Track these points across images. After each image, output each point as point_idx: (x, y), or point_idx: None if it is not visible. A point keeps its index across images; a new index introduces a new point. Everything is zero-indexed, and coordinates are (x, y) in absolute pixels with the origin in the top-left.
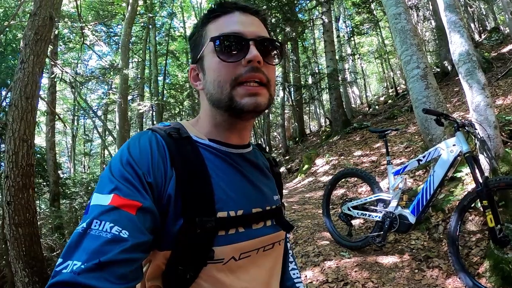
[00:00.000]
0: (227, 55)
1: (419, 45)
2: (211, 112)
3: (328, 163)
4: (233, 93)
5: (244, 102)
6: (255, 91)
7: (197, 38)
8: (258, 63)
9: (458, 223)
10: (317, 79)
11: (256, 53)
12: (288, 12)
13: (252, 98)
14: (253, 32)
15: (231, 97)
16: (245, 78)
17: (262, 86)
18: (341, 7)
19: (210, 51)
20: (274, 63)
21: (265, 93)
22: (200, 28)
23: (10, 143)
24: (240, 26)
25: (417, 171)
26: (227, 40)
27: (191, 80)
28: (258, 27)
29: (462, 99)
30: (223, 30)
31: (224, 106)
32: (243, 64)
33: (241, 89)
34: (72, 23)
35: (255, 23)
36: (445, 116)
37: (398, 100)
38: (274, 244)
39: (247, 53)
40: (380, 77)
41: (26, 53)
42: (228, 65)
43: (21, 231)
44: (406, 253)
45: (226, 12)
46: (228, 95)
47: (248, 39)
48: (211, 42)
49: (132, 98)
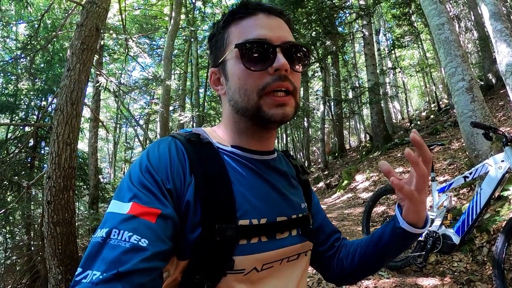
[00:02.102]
0: (253, 63)
1: (464, 56)
2: (234, 119)
3: (369, 179)
4: (261, 102)
5: (272, 113)
6: (283, 101)
7: (218, 40)
8: (285, 71)
9: (504, 245)
10: (357, 93)
11: (284, 61)
12: (328, 26)
13: (280, 108)
14: (279, 37)
15: (259, 107)
16: (272, 88)
17: (289, 95)
18: (381, 20)
19: (233, 57)
20: (301, 70)
21: (292, 102)
22: (221, 30)
23: (54, 146)
24: (266, 30)
25: (461, 189)
26: (252, 47)
27: (212, 84)
28: (284, 31)
29: (507, 113)
30: (247, 35)
31: (250, 115)
32: (270, 73)
33: (269, 99)
34: (117, 35)
35: (282, 26)
36: (493, 130)
37: (441, 115)
38: (299, 254)
39: (274, 61)
40: (421, 91)
41: (73, 61)
42: (255, 73)
43: (59, 230)
44: (448, 275)
45: (249, 14)
46: (255, 104)
47: (275, 46)
48: (235, 48)
49: (174, 109)
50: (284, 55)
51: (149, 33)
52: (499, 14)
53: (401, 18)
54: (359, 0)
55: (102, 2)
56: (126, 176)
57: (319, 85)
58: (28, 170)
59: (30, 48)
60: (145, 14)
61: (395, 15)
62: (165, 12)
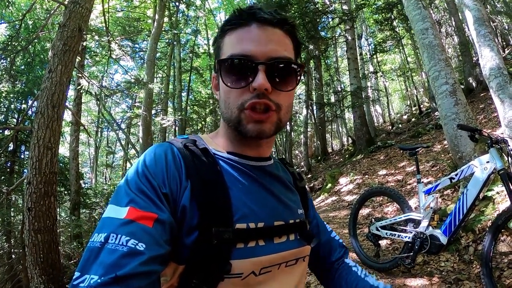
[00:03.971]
0: (233, 80)
1: (447, 60)
2: (226, 128)
3: (353, 182)
4: (241, 116)
5: (248, 128)
6: (259, 118)
7: (216, 49)
8: (266, 90)
9: (492, 243)
10: (340, 97)
11: (262, 82)
12: (312, 30)
13: (256, 125)
14: (265, 52)
15: (239, 121)
16: (249, 105)
17: (268, 113)
18: (363, 25)
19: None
20: (287, 89)
21: (272, 119)
22: (219, 38)
23: (35, 150)
24: (252, 45)
25: (445, 190)
26: (233, 64)
27: (213, 88)
28: (275, 45)
29: (488, 116)
30: (233, 49)
31: (233, 127)
32: (250, 90)
33: (248, 114)
34: (99, 37)
35: (274, 39)
36: (479, 132)
37: (422, 118)
38: (297, 260)
39: (254, 80)
40: (402, 95)
41: (54, 63)
42: (235, 90)
43: (40, 237)
44: (436, 275)
45: (242, 24)
46: (236, 118)
47: (257, 63)
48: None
49: (156, 113)
50: (268, 72)
51: (132, 36)
52: (483, 19)
53: (383, 23)
54: (342, 5)
55: (85, 3)
56: (122, 181)
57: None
58: (7, 175)
59: (11, 49)
60: (128, 16)
61: (377, 20)
62: (148, 15)
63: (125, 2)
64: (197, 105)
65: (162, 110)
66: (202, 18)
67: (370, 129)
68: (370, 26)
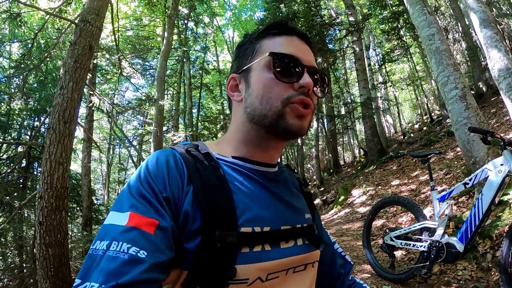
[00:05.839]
0: (283, 74)
1: (455, 65)
2: (245, 127)
3: (365, 194)
4: (285, 110)
5: (292, 122)
6: (304, 113)
7: (248, 48)
8: (308, 90)
9: (510, 248)
10: (350, 108)
11: (310, 81)
12: (319, 43)
13: (300, 120)
14: (309, 61)
15: (282, 114)
16: (296, 100)
17: (309, 109)
18: (370, 35)
19: (263, 65)
20: (319, 94)
21: (310, 117)
22: (254, 40)
23: (46, 165)
24: (298, 51)
25: (460, 197)
26: (286, 60)
27: (228, 90)
28: (312, 57)
29: (500, 119)
30: (282, 49)
31: (267, 123)
32: (295, 88)
33: (294, 108)
34: (110, 55)
35: (310, 53)
36: (491, 134)
37: (434, 126)
38: (306, 265)
39: (301, 78)
40: (413, 104)
41: (66, 80)
42: (281, 84)
43: (51, 251)
44: (453, 284)
45: (285, 33)
46: (278, 112)
47: (304, 65)
48: (269, 56)
49: (167, 129)
50: (310, 76)
51: (142, 54)
52: (488, 21)
53: (390, 33)
54: (348, 17)
55: (96, 21)
56: (125, 187)
57: None
58: (20, 190)
59: (23, 67)
60: (137, 35)
61: (384, 30)
62: (158, 33)
63: (135, 21)
64: (208, 121)
65: (173, 126)
66: (210, 35)
67: (382, 139)
68: (377, 37)
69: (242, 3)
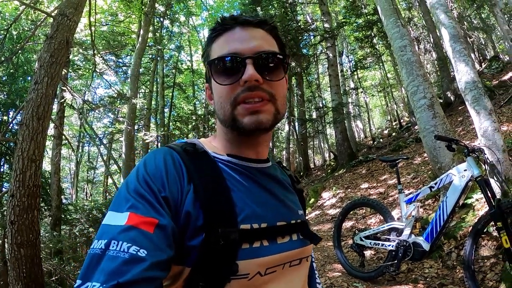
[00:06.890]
0: (223, 78)
1: (425, 75)
2: (222, 130)
3: (335, 196)
4: (235, 112)
5: (245, 122)
6: (254, 108)
7: (205, 58)
8: (257, 81)
9: (473, 247)
10: (321, 113)
11: (252, 73)
12: (294, 47)
13: (252, 116)
14: (251, 48)
15: (234, 117)
16: (242, 98)
17: (265, 102)
18: (344, 42)
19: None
20: (277, 78)
21: (269, 109)
22: (207, 48)
23: (19, 162)
24: (238, 43)
25: (426, 200)
26: (222, 62)
27: (208, 99)
28: (260, 40)
29: (466, 128)
30: (222, 51)
31: (229, 126)
32: (241, 84)
33: (241, 108)
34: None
35: (257, 36)
36: (456, 142)
37: (402, 132)
38: (301, 260)
39: (244, 73)
40: (383, 110)
41: (41, 75)
42: (227, 87)
43: (23, 251)
44: (420, 282)
45: (226, 29)
46: (230, 115)
47: (245, 58)
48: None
49: (138, 128)
50: (256, 65)
51: (116, 50)
52: (458, 36)
53: (363, 41)
54: (323, 23)
55: (73, 15)
56: (123, 186)
57: None
58: None
59: None
60: (112, 30)
61: (358, 37)
62: (133, 29)
63: (110, 16)
64: (180, 121)
65: (144, 125)
66: (185, 35)
67: (352, 144)
68: (351, 44)
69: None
